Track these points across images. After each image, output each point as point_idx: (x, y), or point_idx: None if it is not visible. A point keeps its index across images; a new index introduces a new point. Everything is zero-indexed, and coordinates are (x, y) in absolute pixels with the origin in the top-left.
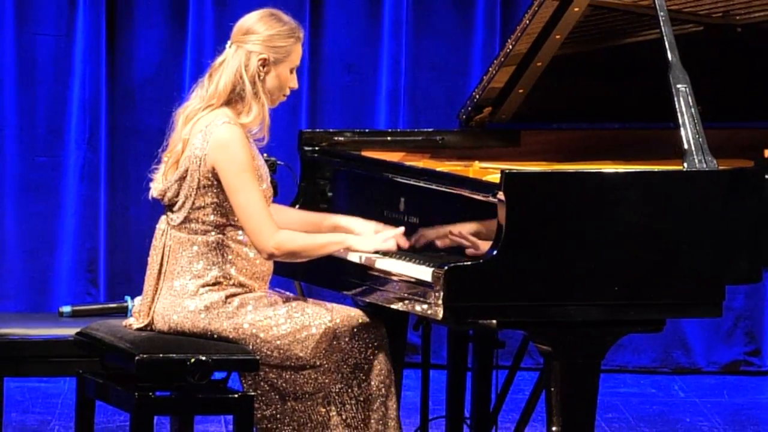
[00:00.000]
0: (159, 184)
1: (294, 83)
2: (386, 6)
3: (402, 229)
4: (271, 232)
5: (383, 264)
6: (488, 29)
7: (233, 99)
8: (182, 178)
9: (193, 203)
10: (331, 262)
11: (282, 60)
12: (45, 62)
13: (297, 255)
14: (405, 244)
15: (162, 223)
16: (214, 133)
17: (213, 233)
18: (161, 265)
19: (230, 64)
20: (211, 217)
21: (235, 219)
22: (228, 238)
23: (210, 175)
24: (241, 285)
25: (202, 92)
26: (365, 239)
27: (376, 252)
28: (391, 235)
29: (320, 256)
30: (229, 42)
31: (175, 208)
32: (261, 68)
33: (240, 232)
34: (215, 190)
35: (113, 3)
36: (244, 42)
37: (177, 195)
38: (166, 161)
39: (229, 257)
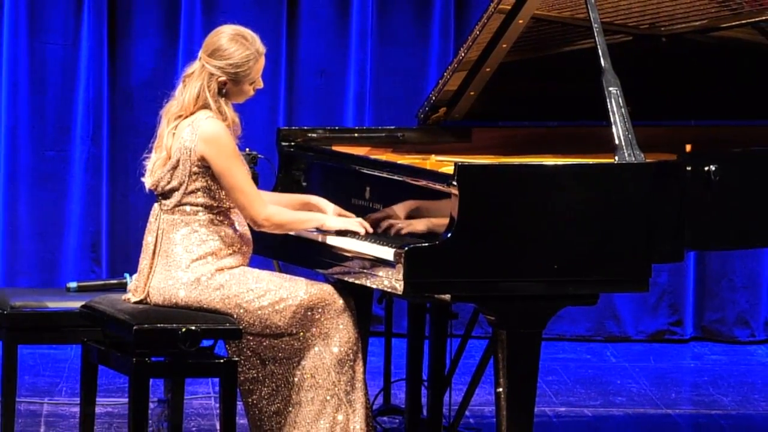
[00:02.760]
0: (151, 178)
1: (259, 84)
2: (353, 18)
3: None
4: (263, 206)
5: (351, 245)
6: (443, 39)
7: (203, 108)
8: (174, 168)
9: (186, 188)
10: (306, 244)
11: (241, 80)
12: (54, 68)
13: (282, 227)
14: (370, 230)
15: (155, 210)
16: (201, 126)
17: (202, 214)
18: (155, 245)
19: (195, 81)
20: (201, 200)
21: (223, 201)
22: (216, 218)
23: (199, 164)
24: (226, 260)
25: (178, 96)
26: (338, 219)
27: (346, 230)
28: (356, 222)
29: (300, 230)
30: (200, 54)
31: (169, 194)
32: (221, 87)
33: (227, 210)
34: (205, 176)
35: (114, 15)
36: (208, 62)
37: (169, 183)
38: (155, 159)
39: (217, 234)
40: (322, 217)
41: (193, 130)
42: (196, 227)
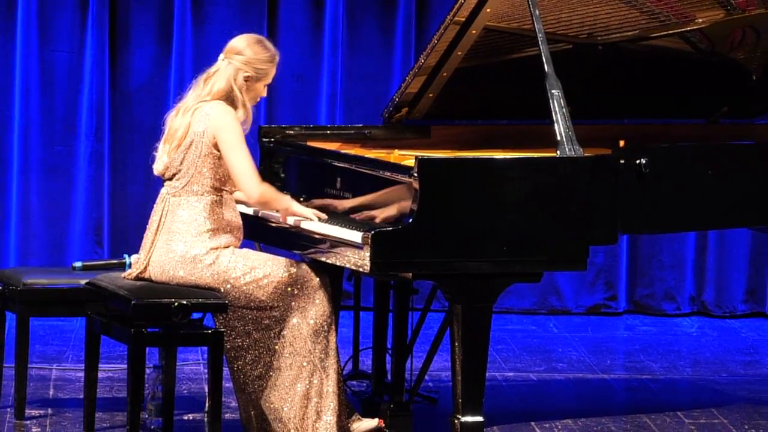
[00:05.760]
0: (161, 162)
1: (264, 93)
2: (326, 29)
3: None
4: (259, 182)
5: (324, 229)
6: (405, 47)
7: (224, 99)
8: (188, 149)
9: (196, 168)
10: (286, 229)
11: (261, 78)
12: (61, 73)
13: (267, 204)
14: (324, 216)
15: (162, 193)
16: (214, 110)
17: (207, 195)
18: (159, 224)
19: (223, 74)
20: (208, 181)
21: (226, 184)
22: (218, 200)
23: (211, 145)
24: (222, 238)
25: (197, 92)
26: (300, 207)
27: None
28: (312, 213)
29: (274, 208)
30: (222, 56)
31: (178, 176)
32: (245, 82)
33: (228, 195)
34: (213, 159)
35: (115, 27)
36: (235, 60)
37: (181, 164)
38: (167, 144)
39: (217, 216)
40: (290, 201)
41: (208, 115)
42: (200, 207)
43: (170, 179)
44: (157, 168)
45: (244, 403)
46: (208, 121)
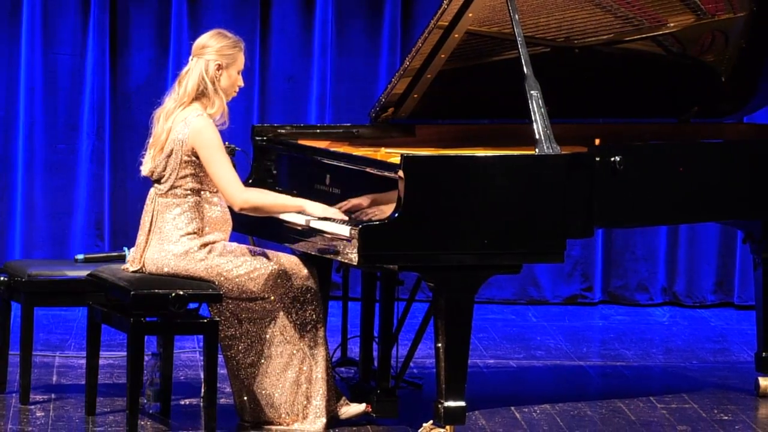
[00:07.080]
0: (148, 165)
1: (241, 82)
2: (316, 33)
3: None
4: (240, 190)
5: (314, 224)
6: (391, 50)
7: (199, 97)
8: (168, 156)
9: (178, 174)
10: (277, 223)
11: (231, 64)
12: (64, 75)
13: (260, 210)
14: (345, 217)
15: (151, 194)
16: (192, 122)
17: (191, 196)
18: (151, 223)
19: (194, 71)
20: (190, 185)
21: (208, 185)
22: (202, 200)
23: (190, 153)
24: (210, 235)
25: (174, 95)
26: (317, 205)
27: (324, 218)
28: (335, 210)
29: (278, 213)
30: (191, 56)
31: (163, 180)
32: (217, 71)
33: (211, 194)
34: (193, 165)
35: (115, 31)
36: (202, 54)
37: (164, 170)
38: (152, 149)
39: (202, 214)
40: (302, 201)
41: (186, 125)
42: (185, 208)
43: (157, 181)
44: (144, 170)
45: (237, 389)
46: (186, 130)
